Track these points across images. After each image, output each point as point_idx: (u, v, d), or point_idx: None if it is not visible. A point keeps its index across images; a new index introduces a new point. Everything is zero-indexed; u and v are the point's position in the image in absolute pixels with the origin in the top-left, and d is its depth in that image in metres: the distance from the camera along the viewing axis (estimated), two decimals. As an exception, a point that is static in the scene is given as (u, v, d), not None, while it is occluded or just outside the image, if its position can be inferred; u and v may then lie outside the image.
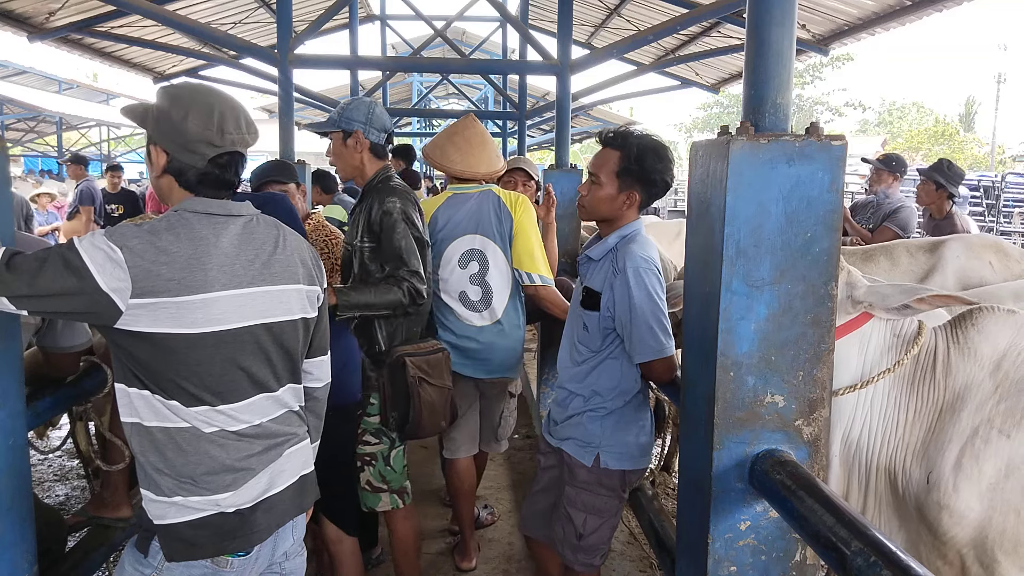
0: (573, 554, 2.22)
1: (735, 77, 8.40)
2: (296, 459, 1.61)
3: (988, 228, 12.68)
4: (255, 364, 1.50)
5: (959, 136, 38.14)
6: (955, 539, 1.71)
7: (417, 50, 8.82)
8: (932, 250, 3.43)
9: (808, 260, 1.46)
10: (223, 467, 1.46)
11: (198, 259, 1.41)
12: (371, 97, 2.59)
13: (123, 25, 6.86)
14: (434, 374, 2.51)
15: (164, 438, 1.43)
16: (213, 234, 1.46)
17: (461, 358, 2.90)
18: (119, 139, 23.19)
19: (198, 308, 1.40)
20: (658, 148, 2.12)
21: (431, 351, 2.53)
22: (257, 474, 1.51)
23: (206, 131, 1.47)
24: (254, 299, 1.48)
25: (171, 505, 1.44)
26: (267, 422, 1.54)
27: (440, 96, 18.99)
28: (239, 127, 1.51)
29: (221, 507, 1.46)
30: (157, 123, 1.50)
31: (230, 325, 1.45)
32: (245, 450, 1.49)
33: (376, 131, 2.45)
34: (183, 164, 1.49)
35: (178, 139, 1.48)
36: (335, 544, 2.38)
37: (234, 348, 1.46)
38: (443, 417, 2.57)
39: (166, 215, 1.47)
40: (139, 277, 1.35)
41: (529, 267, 2.89)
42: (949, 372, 1.80)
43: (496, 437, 3.12)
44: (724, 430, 1.50)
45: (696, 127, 44.94)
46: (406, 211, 2.34)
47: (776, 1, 1.47)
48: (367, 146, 2.45)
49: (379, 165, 2.50)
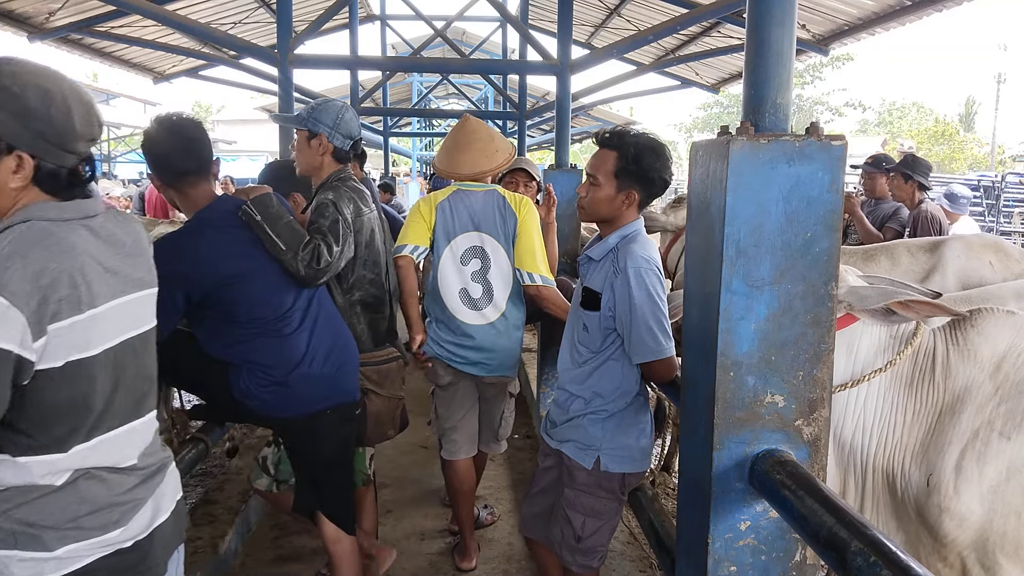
0: (571, 556, 2.21)
1: (735, 77, 8.40)
2: (172, 482, 1.49)
3: (988, 228, 12.67)
4: (134, 382, 1.36)
5: (959, 136, 38.14)
6: (956, 542, 1.71)
7: (417, 50, 8.82)
8: (932, 250, 3.44)
9: (808, 260, 1.46)
10: (108, 504, 1.31)
11: (80, 271, 1.24)
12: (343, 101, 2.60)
13: (123, 25, 6.85)
14: (384, 384, 2.52)
15: (37, 493, 1.26)
16: (81, 241, 1.28)
17: (460, 357, 2.90)
18: (119, 139, 23.18)
19: (90, 327, 1.25)
20: (655, 146, 2.11)
21: (384, 360, 2.53)
22: (144, 504, 1.37)
23: (86, 126, 1.27)
24: (128, 308, 1.35)
25: (52, 560, 1.25)
26: (148, 447, 1.41)
27: (440, 96, 18.98)
28: (89, 123, 1.31)
29: (115, 544, 1.31)
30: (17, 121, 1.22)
31: (114, 340, 1.30)
32: (128, 483, 1.35)
33: (341, 136, 2.49)
34: (54, 168, 1.27)
35: (54, 138, 1.25)
36: (334, 544, 2.38)
37: (116, 368, 1.31)
38: (391, 427, 2.59)
39: (17, 230, 1.22)
40: (31, 315, 1.16)
41: (531, 267, 2.89)
42: (948, 374, 1.80)
43: (496, 437, 3.12)
44: (724, 430, 1.50)
45: (696, 127, 44.95)
46: (338, 203, 2.35)
47: (776, 1, 1.47)
48: (330, 150, 2.50)
49: (337, 167, 2.53)
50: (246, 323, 2.11)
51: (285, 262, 2.12)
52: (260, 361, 2.14)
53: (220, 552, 2.94)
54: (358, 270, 2.50)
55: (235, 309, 2.09)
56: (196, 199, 2.13)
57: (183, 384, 2.43)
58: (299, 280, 2.16)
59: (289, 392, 2.16)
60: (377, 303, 2.59)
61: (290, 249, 2.11)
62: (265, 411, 2.19)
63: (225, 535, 3.05)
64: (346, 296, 2.49)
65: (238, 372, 2.15)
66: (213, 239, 2.08)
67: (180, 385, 2.51)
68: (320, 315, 2.26)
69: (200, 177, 2.13)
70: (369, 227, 2.53)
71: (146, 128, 2.12)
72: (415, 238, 2.88)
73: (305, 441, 2.26)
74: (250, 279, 2.09)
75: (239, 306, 2.09)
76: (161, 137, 2.07)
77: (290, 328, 2.16)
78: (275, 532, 3.33)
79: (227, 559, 3.02)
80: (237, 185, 12.81)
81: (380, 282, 2.59)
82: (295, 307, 2.18)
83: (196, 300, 2.05)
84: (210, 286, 2.05)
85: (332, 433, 2.28)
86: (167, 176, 2.10)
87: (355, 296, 2.52)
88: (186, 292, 2.03)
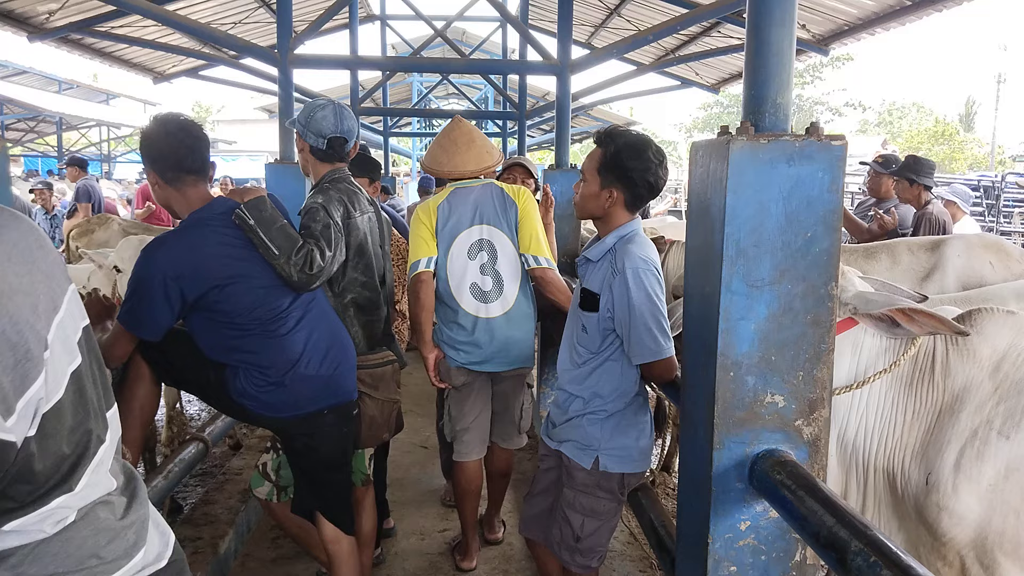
0: (571, 556, 2.21)
1: (735, 77, 8.41)
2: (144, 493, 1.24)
3: (988, 228, 12.67)
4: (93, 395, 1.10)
5: (959, 136, 38.12)
6: (955, 540, 1.71)
7: (417, 50, 8.83)
8: (933, 249, 3.44)
9: (808, 260, 1.46)
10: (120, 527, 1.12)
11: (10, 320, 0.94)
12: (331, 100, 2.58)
13: (123, 25, 6.86)
14: (379, 387, 2.51)
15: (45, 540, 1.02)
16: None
17: (478, 356, 2.88)
18: (119, 139, 23.19)
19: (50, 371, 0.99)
20: (637, 145, 2.09)
21: (378, 363, 2.53)
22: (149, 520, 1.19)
23: None
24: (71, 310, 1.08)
25: None
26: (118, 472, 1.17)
27: (440, 96, 18.99)
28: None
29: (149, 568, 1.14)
30: None
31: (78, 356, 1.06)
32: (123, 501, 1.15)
33: (312, 135, 2.47)
34: None
35: None
36: (333, 544, 2.37)
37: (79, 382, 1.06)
38: (385, 430, 2.59)
39: None
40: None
41: (535, 250, 2.90)
42: (948, 373, 1.80)
43: (519, 430, 3.11)
44: (724, 430, 1.50)
45: (696, 127, 44.93)
46: (327, 207, 2.35)
47: (776, 1, 1.48)
48: (307, 148, 2.51)
49: (326, 168, 2.52)
50: (242, 324, 2.11)
51: (278, 266, 2.11)
52: (256, 362, 2.13)
53: (220, 552, 2.94)
54: (349, 272, 2.49)
55: (231, 310, 2.09)
56: (193, 200, 2.13)
57: (182, 384, 2.42)
58: (292, 285, 2.16)
59: (286, 392, 2.15)
60: (371, 305, 2.58)
61: (283, 254, 2.10)
62: (262, 412, 2.18)
63: (225, 535, 3.05)
64: (338, 299, 2.48)
65: (235, 373, 2.15)
66: (209, 240, 2.08)
67: (179, 385, 2.51)
68: (317, 316, 2.26)
69: (200, 178, 2.13)
70: (361, 229, 2.52)
71: (147, 126, 2.11)
72: (426, 250, 2.86)
73: (303, 441, 2.25)
74: (245, 280, 2.09)
75: (235, 307, 2.09)
76: (168, 134, 2.07)
77: (286, 329, 2.16)
78: (275, 532, 3.32)
79: (227, 559, 3.02)
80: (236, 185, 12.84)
81: (373, 284, 2.58)
82: (291, 308, 2.18)
83: (191, 301, 2.05)
84: (205, 287, 2.04)
85: (330, 433, 2.27)
86: (169, 174, 2.09)
87: (347, 299, 2.51)
88: (181, 293, 2.02)
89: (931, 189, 4.43)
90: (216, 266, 2.06)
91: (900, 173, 4.45)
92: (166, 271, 2.02)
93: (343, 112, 2.50)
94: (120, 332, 2.10)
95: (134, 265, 2.07)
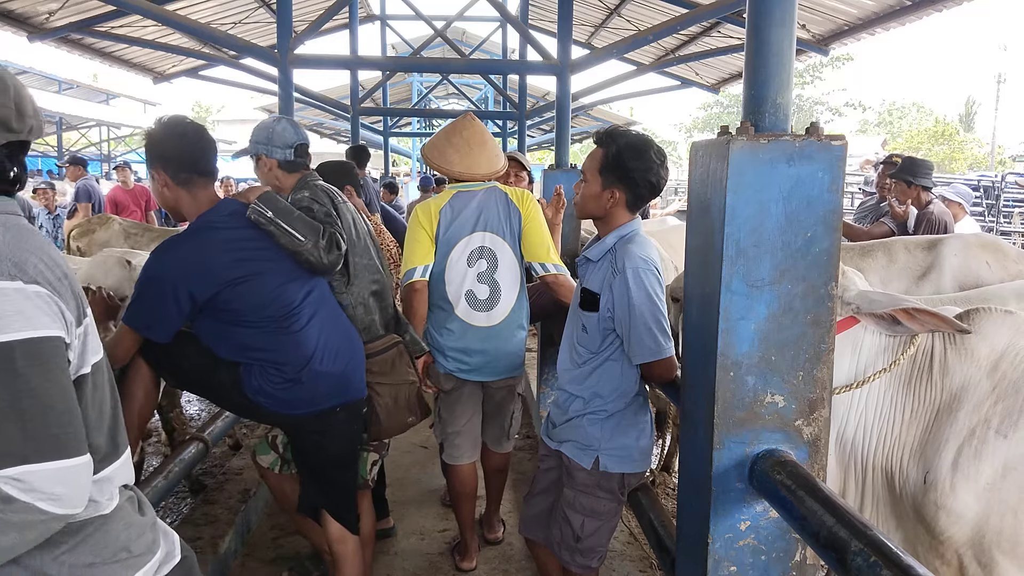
0: (571, 556, 2.22)
1: (735, 77, 8.41)
2: None
3: (988, 228, 12.67)
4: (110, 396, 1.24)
5: (959, 136, 38.12)
6: (952, 539, 1.72)
7: (417, 50, 8.83)
8: (930, 248, 3.44)
9: (808, 260, 1.46)
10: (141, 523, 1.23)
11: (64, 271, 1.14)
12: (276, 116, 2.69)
13: (123, 25, 6.86)
14: (391, 372, 2.50)
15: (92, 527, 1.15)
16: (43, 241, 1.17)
17: (467, 364, 2.86)
18: (119, 139, 23.19)
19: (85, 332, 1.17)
20: (639, 146, 2.09)
21: (381, 349, 2.51)
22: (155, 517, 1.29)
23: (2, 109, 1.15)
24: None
25: None
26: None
27: (440, 96, 18.99)
28: (36, 112, 1.21)
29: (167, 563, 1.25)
30: None
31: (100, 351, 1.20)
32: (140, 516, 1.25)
33: (279, 149, 2.52)
34: None
35: None
36: (338, 543, 2.38)
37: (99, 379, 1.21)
38: (409, 413, 2.54)
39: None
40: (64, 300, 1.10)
41: (544, 258, 2.87)
42: (946, 372, 1.81)
43: (508, 436, 3.11)
44: (724, 430, 1.50)
45: (696, 127, 44.93)
46: (317, 198, 2.39)
47: (776, 1, 1.48)
48: (275, 164, 2.54)
49: (295, 178, 2.54)
50: (256, 322, 2.12)
51: (305, 252, 2.14)
52: (273, 359, 2.14)
53: (220, 552, 2.94)
54: (356, 260, 2.51)
55: (242, 308, 2.10)
56: (202, 201, 2.14)
57: (188, 385, 2.43)
58: (320, 268, 2.20)
59: (303, 389, 2.16)
60: (383, 290, 2.60)
61: (309, 239, 2.15)
62: (277, 409, 2.19)
63: (225, 535, 3.05)
64: (354, 288, 2.48)
65: (249, 371, 2.15)
66: (218, 241, 2.09)
67: (185, 386, 2.51)
68: (326, 312, 2.27)
69: (210, 180, 2.16)
70: (350, 217, 2.54)
71: (156, 128, 2.12)
72: (422, 258, 2.81)
73: (314, 439, 2.26)
74: (256, 279, 2.10)
75: (245, 305, 2.10)
76: (182, 135, 2.09)
77: (299, 325, 2.17)
78: (275, 532, 3.33)
79: (227, 559, 3.02)
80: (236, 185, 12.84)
81: (375, 266, 2.59)
82: (303, 304, 2.19)
83: (202, 302, 2.06)
84: (216, 288, 2.05)
85: (341, 431, 2.28)
86: (183, 175, 2.10)
87: (363, 286, 2.51)
88: (191, 295, 2.03)
89: (930, 189, 4.44)
90: (226, 266, 2.07)
91: (897, 175, 4.47)
92: (176, 272, 2.03)
93: (294, 122, 2.62)
94: (125, 333, 2.10)
95: (143, 267, 2.09)
